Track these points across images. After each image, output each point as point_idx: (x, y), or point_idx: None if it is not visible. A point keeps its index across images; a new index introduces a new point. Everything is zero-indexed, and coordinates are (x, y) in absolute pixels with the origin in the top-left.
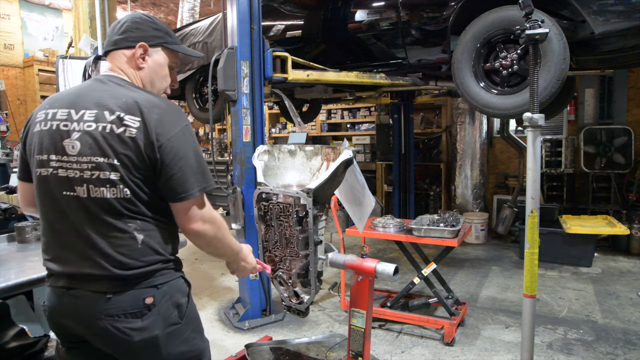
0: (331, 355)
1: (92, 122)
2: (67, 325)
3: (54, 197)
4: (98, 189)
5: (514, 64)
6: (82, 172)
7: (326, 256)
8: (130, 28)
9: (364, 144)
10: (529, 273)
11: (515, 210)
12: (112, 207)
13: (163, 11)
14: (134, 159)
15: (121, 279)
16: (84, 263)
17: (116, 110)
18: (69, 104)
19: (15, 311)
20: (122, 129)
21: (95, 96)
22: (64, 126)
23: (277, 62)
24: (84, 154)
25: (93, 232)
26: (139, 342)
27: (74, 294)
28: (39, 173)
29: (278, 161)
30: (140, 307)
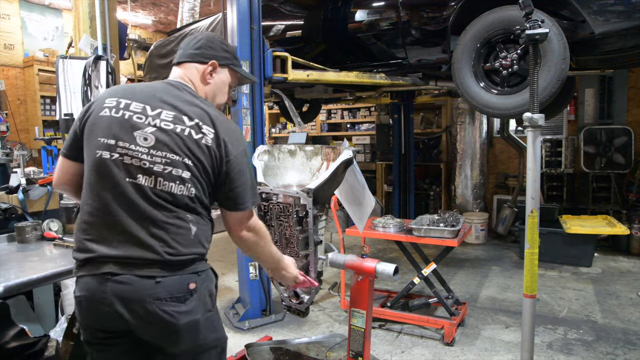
0: (331, 355)
1: (170, 122)
2: (105, 315)
3: (114, 181)
4: (167, 183)
5: (514, 64)
6: (154, 164)
7: (326, 256)
8: (205, 46)
9: (364, 144)
10: (529, 273)
11: (515, 210)
12: (176, 200)
13: (163, 11)
14: (205, 164)
15: (171, 264)
16: (136, 247)
17: (194, 117)
18: (144, 99)
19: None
20: (200, 136)
21: (172, 99)
22: (137, 118)
23: (277, 62)
24: (158, 149)
25: (153, 218)
26: (184, 325)
27: (120, 279)
28: (99, 154)
29: (278, 161)
30: (184, 291)
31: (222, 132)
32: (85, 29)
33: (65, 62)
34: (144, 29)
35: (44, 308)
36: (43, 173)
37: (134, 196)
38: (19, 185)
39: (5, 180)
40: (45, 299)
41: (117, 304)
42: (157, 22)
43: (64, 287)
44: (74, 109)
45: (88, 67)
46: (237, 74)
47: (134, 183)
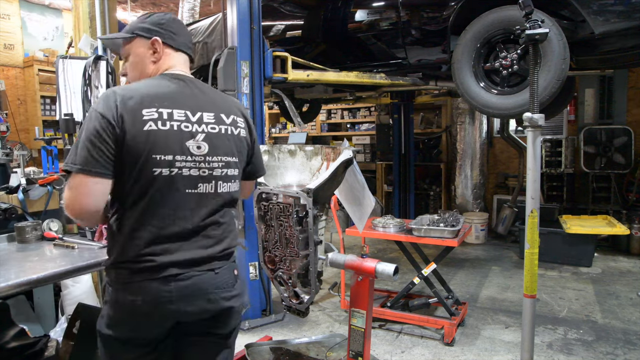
0: (331, 355)
1: (214, 124)
2: (166, 315)
3: (176, 195)
4: (226, 184)
5: (514, 64)
6: (213, 170)
7: (326, 256)
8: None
9: (364, 144)
10: (529, 273)
11: (515, 210)
12: (232, 198)
13: (163, 11)
14: (244, 155)
15: (225, 256)
16: (200, 251)
17: (230, 113)
18: (182, 104)
19: (15, 311)
20: (238, 131)
21: (201, 98)
22: (185, 127)
23: (277, 62)
24: (213, 154)
25: (211, 222)
26: (237, 307)
27: (184, 276)
28: (158, 172)
29: (278, 161)
30: (233, 277)
31: (247, 117)
32: (85, 29)
33: (65, 62)
34: None
35: (44, 308)
36: (43, 173)
37: (195, 206)
38: (19, 185)
39: (5, 180)
40: (45, 299)
41: (178, 302)
42: None
43: (64, 287)
44: (74, 109)
45: (88, 67)
46: None
47: (195, 193)
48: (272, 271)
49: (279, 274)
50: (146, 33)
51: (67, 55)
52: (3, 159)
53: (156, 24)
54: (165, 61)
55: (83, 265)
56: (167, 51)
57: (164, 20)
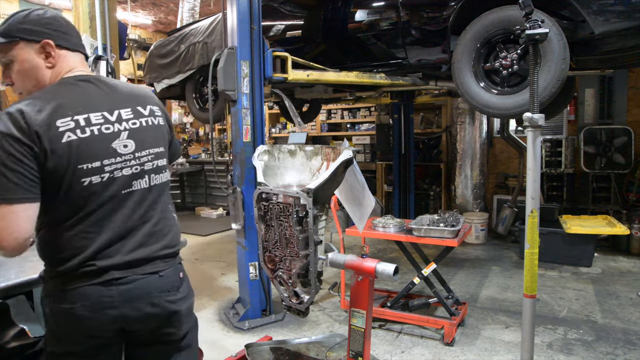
0: (331, 355)
1: (134, 119)
2: (109, 320)
3: (110, 199)
4: (158, 175)
5: (514, 64)
6: (143, 165)
7: (326, 256)
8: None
9: (364, 144)
10: (529, 273)
11: (515, 210)
12: (164, 191)
13: (163, 11)
14: (167, 142)
15: (168, 256)
16: (141, 250)
17: (146, 103)
18: (94, 106)
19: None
20: (157, 120)
21: (117, 95)
22: (106, 129)
23: (277, 62)
24: (141, 149)
25: (148, 218)
26: (184, 310)
27: (127, 280)
28: (89, 182)
29: (278, 161)
30: (178, 280)
31: (160, 104)
32: (85, 29)
33: None
34: (144, 29)
35: None
36: None
37: (133, 205)
38: None
39: None
40: None
41: (121, 307)
42: (157, 22)
43: None
44: None
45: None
46: None
47: (130, 192)
48: (272, 271)
49: (279, 274)
50: (32, 36)
51: None
52: None
53: (41, 24)
54: (63, 65)
55: None
56: (62, 53)
57: (49, 19)
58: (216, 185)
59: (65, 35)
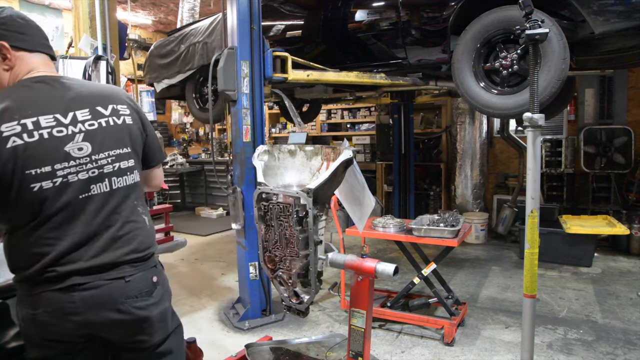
0: (331, 355)
1: (91, 120)
2: (74, 326)
3: (61, 205)
4: (121, 178)
5: (514, 64)
6: (102, 168)
7: (326, 256)
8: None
9: (364, 144)
10: (529, 273)
11: (515, 210)
12: (131, 193)
13: (163, 11)
14: (137, 142)
15: (136, 261)
16: (105, 255)
17: (108, 102)
18: (46, 109)
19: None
20: (121, 119)
21: (72, 96)
22: (58, 132)
23: (277, 62)
24: (98, 151)
25: (112, 222)
26: (156, 316)
27: (90, 285)
28: (39, 187)
29: (278, 161)
30: (149, 285)
31: (130, 101)
32: (85, 29)
33: (65, 62)
34: (144, 29)
35: None
36: None
37: (94, 209)
38: None
39: None
40: None
41: (86, 314)
42: (157, 22)
43: None
44: None
45: (88, 67)
46: None
47: (88, 196)
48: (272, 271)
49: (279, 274)
50: None
51: (67, 55)
52: None
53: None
54: (22, 66)
55: None
56: (20, 54)
57: (3, 19)
58: (216, 185)
59: (22, 35)
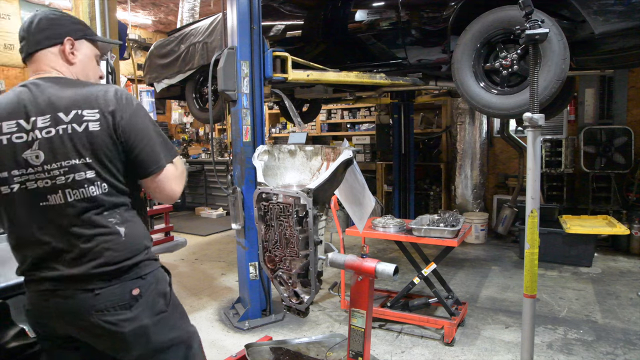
0: (331, 355)
1: (48, 127)
2: (52, 326)
3: (26, 211)
4: (77, 190)
5: (514, 64)
6: (55, 179)
7: (326, 256)
8: (50, 25)
9: (364, 144)
10: (529, 273)
11: (515, 210)
12: (93, 207)
13: (163, 11)
14: (103, 151)
15: (108, 274)
16: (69, 266)
17: (71, 108)
18: (12, 114)
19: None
20: (84, 125)
21: (43, 101)
22: (17, 138)
23: (277, 62)
24: (51, 161)
25: (76, 235)
26: (130, 332)
27: (61, 294)
28: (0, 192)
29: (278, 161)
30: (127, 299)
31: (105, 105)
32: None
33: None
34: (144, 29)
35: None
36: None
37: (54, 218)
38: None
39: None
40: None
41: (59, 318)
42: (157, 22)
43: None
44: None
45: None
46: (96, 42)
47: (47, 205)
48: (272, 271)
49: (279, 274)
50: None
51: None
52: None
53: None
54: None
55: None
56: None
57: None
58: (216, 185)
59: (34, 37)
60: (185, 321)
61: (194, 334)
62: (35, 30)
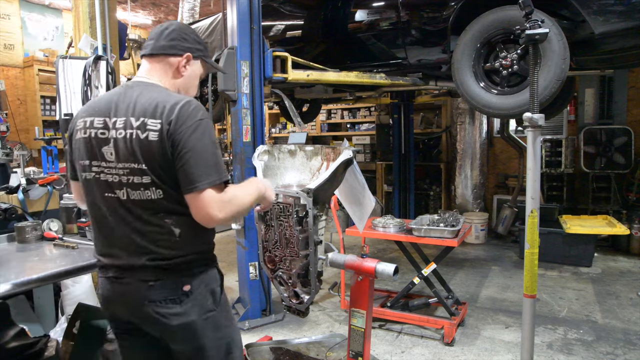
0: (331, 355)
1: (122, 129)
2: (117, 311)
3: (98, 199)
4: (135, 192)
5: (514, 64)
6: (120, 177)
7: (326, 256)
8: (179, 37)
9: (364, 144)
10: (529, 273)
11: (515, 210)
12: (150, 208)
13: (163, 11)
14: (158, 160)
15: (162, 269)
16: (129, 256)
17: (141, 116)
18: (105, 111)
19: (15, 311)
20: (145, 134)
21: (126, 104)
22: (101, 134)
23: (277, 62)
24: (120, 161)
25: (135, 229)
26: (177, 326)
27: (123, 281)
28: (84, 176)
29: (278, 161)
30: (178, 294)
31: (167, 116)
32: (85, 29)
33: (65, 62)
34: (144, 29)
35: (44, 308)
36: (43, 173)
37: (118, 210)
38: (19, 185)
39: (5, 180)
40: (45, 299)
41: (121, 304)
42: (157, 22)
43: (64, 287)
44: (74, 109)
45: (88, 67)
46: (207, 64)
47: (115, 197)
48: (272, 271)
49: (279, 274)
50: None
51: (67, 55)
52: (3, 159)
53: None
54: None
55: (83, 265)
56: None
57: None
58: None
59: (160, 42)
60: (230, 324)
61: (235, 337)
62: (165, 36)
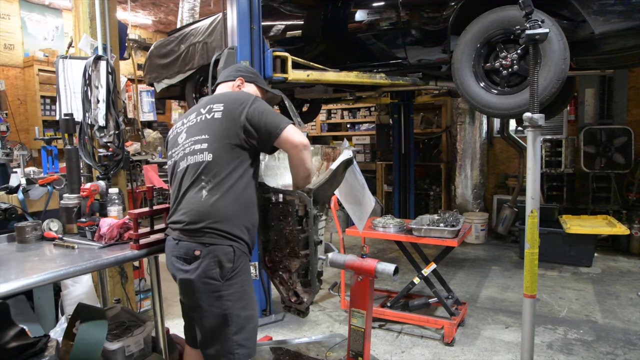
0: (331, 355)
1: (193, 118)
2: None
3: (173, 176)
4: (192, 156)
5: (514, 64)
6: (185, 149)
7: (326, 256)
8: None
9: (364, 144)
10: (529, 273)
11: (515, 210)
12: (196, 170)
13: (163, 11)
14: (220, 131)
15: (184, 231)
16: (177, 216)
17: (208, 104)
18: (186, 115)
19: (15, 311)
20: (211, 115)
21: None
22: (179, 128)
23: (277, 62)
24: (187, 139)
25: (184, 197)
26: (180, 280)
27: (171, 237)
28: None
29: (278, 161)
30: (190, 255)
31: (232, 100)
32: (85, 29)
33: (65, 62)
34: (144, 29)
35: (44, 308)
36: (43, 173)
37: (178, 182)
38: (19, 185)
39: (5, 180)
40: (45, 299)
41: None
42: (157, 22)
43: (64, 287)
44: (74, 109)
45: (88, 67)
46: (264, 90)
47: (178, 171)
48: (272, 271)
49: (279, 274)
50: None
51: (67, 55)
52: (3, 159)
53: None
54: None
55: (83, 265)
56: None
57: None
58: None
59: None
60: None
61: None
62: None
